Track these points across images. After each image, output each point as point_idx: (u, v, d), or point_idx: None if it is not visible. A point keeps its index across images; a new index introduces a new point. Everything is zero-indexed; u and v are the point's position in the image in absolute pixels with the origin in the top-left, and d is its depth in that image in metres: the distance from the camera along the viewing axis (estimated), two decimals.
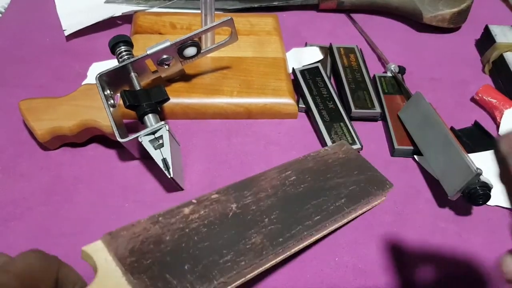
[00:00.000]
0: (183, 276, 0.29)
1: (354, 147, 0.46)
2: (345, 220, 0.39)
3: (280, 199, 0.36)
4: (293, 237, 0.34)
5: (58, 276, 0.25)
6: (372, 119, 0.51)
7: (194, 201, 0.34)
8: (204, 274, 0.29)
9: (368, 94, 0.51)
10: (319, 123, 0.48)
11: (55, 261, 0.25)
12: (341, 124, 0.48)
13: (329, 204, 0.37)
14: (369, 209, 0.42)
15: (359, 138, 0.47)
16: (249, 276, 0.32)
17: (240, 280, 0.31)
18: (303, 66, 0.54)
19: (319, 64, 0.54)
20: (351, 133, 0.47)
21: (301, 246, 0.36)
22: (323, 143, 0.47)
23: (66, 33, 0.58)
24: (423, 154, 0.46)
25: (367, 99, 0.51)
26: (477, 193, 0.39)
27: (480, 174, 0.39)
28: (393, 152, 0.47)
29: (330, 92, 0.51)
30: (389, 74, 0.56)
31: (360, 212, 0.41)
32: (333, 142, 0.46)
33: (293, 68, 0.53)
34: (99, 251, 0.28)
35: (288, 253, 0.35)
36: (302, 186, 0.38)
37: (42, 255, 0.24)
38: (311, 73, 0.53)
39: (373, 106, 0.50)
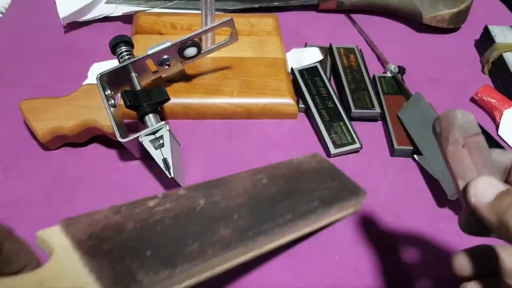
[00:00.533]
0: (145, 261, 0.27)
1: (354, 146, 0.46)
2: (318, 224, 0.37)
3: (252, 198, 0.35)
4: (263, 233, 0.32)
5: (7, 246, 0.23)
6: (372, 119, 0.51)
7: (159, 195, 0.33)
8: (167, 260, 0.28)
9: (368, 94, 0.51)
10: (318, 123, 0.48)
11: (3, 230, 0.23)
12: (341, 123, 0.48)
13: (301, 205, 0.36)
14: (343, 217, 0.41)
15: (359, 137, 0.47)
16: (217, 269, 0.30)
17: (207, 272, 0.29)
18: (302, 66, 0.54)
19: (317, 64, 0.54)
20: (350, 132, 0.47)
21: (273, 244, 0.34)
22: (323, 143, 0.48)
23: (62, 16, 0.57)
24: (422, 154, 0.46)
25: (366, 99, 0.51)
26: None
27: None
28: (392, 152, 0.47)
29: (329, 91, 0.51)
30: (388, 74, 0.56)
31: (334, 218, 0.39)
32: (333, 141, 0.46)
33: (291, 68, 0.53)
34: (55, 236, 0.26)
35: (260, 251, 0.33)
36: (274, 188, 0.37)
37: None
38: (309, 72, 0.53)
39: (373, 106, 0.50)
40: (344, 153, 0.47)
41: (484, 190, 0.22)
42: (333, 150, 0.46)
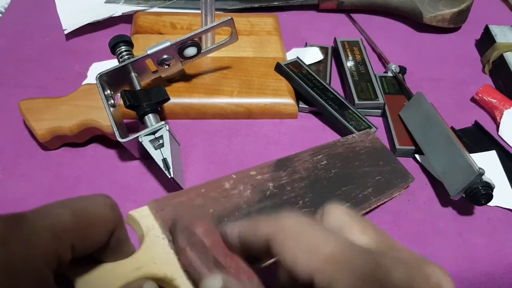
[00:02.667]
0: None
1: (372, 130, 0.47)
2: (368, 209, 0.40)
3: (313, 183, 0.38)
4: None
5: (117, 234, 0.23)
6: (376, 109, 0.51)
7: (233, 175, 0.35)
8: None
9: (372, 85, 0.52)
10: (332, 112, 0.48)
11: (119, 218, 0.24)
12: (350, 111, 0.49)
13: (357, 192, 0.39)
14: (388, 201, 0.42)
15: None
16: None
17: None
18: (285, 61, 0.53)
19: (297, 57, 0.54)
20: (362, 118, 0.49)
21: None
22: (342, 130, 0.48)
23: (66, 32, 0.58)
24: (424, 154, 0.46)
25: (370, 91, 0.51)
26: (480, 193, 0.39)
27: (483, 174, 0.39)
28: (394, 152, 0.47)
29: (322, 83, 0.51)
30: (390, 74, 0.56)
31: (381, 202, 0.42)
32: (354, 127, 0.47)
33: (277, 63, 0.53)
34: (145, 217, 0.28)
35: None
36: (332, 171, 0.39)
37: (110, 205, 0.23)
38: (294, 66, 0.53)
39: (376, 97, 0.50)
40: None
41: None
42: None
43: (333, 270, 0.19)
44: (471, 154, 0.41)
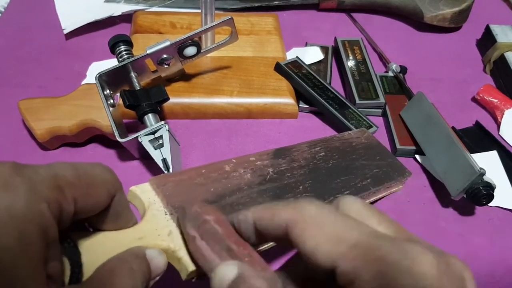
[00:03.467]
0: None
1: (372, 130, 0.47)
2: (367, 201, 0.40)
3: (312, 171, 0.37)
4: None
5: (117, 199, 0.24)
6: (377, 108, 0.51)
7: (233, 160, 0.35)
8: None
9: (372, 85, 0.52)
10: (333, 111, 0.48)
11: (118, 183, 0.24)
12: (350, 110, 0.49)
13: (356, 181, 0.38)
14: (386, 195, 0.42)
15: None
16: None
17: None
18: (285, 61, 0.53)
19: (296, 57, 0.54)
20: (363, 117, 0.48)
21: None
22: (342, 130, 0.48)
23: (66, 31, 0.58)
24: (425, 154, 0.46)
25: (371, 90, 0.51)
26: (481, 193, 0.39)
27: (484, 174, 0.39)
28: (395, 151, 0.47)
29: (322, 82, 0.51)
30: (390, 74, 0.55)
31: (380, 196, 0.41)
32: (355, 127, 0.47)
33: (277, 63, 0.53)
34: (147, 192, 0.28)
35: None
36: (331, 162, 0.39)
37: (109, 169, 0.24)
38: (294, 66, 0.53)
39: (377, 97, 0.50)
40: None
41: (222, 279, 0.22)
42: None
43: (358, 258, 0.19)
44: (472, 154, 0.41)
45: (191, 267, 0.25)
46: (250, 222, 0.23)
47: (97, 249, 0.23)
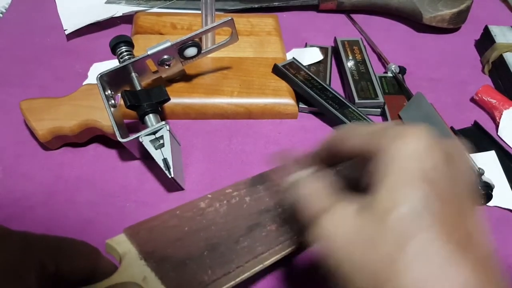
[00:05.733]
0: (203, 262, 0.31)
1: None
2: None
3: None
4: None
5: (98, 264, 0.26)
6: (376, 108, 0.51)
7: (209, 195, 0.35)
8: (222, 260, 0.31)
9: (372, 84, 0.52)
10: (332, 110, 0.48)
11: (93, 254, 0.27)
12: (350, 110, 0.49)
13: None
14: None
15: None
16: (267, 262, 0.32)
17: (259, 266, 0.32)
18: (283, 62, 0.54)
19: (293, 58, 0.54)
20: (363, 117, 0.48)
21: None
22: None
23: (67, 32, 0.58)
24: None
25: (370, 90, 0.51)
26: (479, 193, 0.39)
27: (482, 174, 0.39)
28: None
29: (320, 83, 0.51)
30: (389, 74, 0.56)
31: None
32: None
33: (275, 65, 0.53)
34: (122, 243, 0.30)
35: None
36: None
37: (87, 243, 0.26)
38: (291, 67, 0.53)
39: (376, 96, 0.50)
40: None
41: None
42: None
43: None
44: (470, 154, 0.41)
45: None
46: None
47: None
